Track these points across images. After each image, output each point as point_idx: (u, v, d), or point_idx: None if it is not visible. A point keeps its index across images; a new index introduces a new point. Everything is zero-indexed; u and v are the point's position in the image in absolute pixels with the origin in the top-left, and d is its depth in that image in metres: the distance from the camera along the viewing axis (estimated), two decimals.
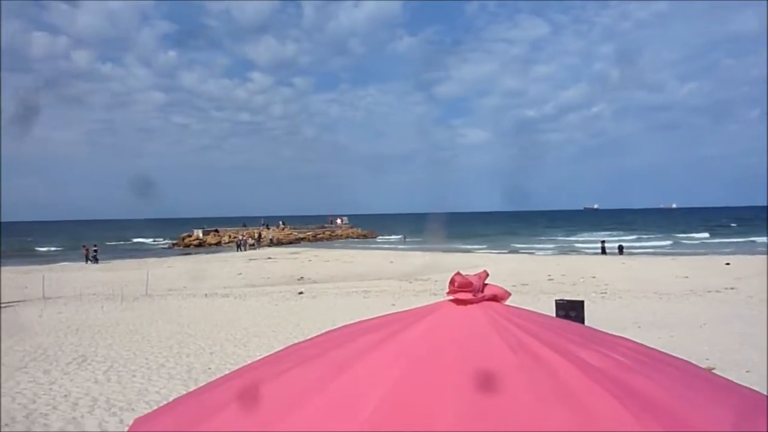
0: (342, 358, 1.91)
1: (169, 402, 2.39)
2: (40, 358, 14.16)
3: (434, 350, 1.84)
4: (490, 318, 1.99)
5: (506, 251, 60.82)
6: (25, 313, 21.85)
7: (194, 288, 30.17)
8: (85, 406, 10.14)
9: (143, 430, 2.05)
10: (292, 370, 1.94)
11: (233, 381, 2.14)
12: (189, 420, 1.88)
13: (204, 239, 78.79)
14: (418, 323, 2.05)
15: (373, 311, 20.09)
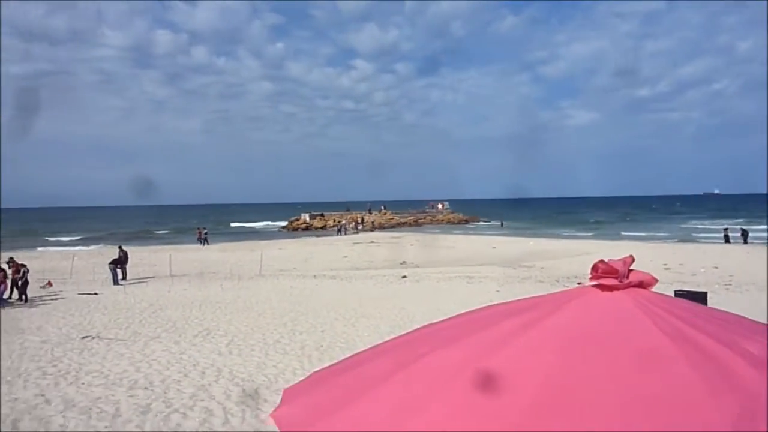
0: (489, 341, 1.94)
1: (313, 375, 2.54)
2: (171, 329, 15.46)
3: (587, 336, 1.83)
4: (640, 305, 1.94)
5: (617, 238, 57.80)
6: (156, 288, 23.89)
7: (303, 269, 31.48)
8: (211, 375, 10.96)
9: (296, 400, 2.21)
10: (436, 351, 2.01)
11: (378, 358, 2.24)
12: (342, 394, 2.01)
13: (311, 223, 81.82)
14: (563, 309, 2.04)
15: (478, 297, 19.97)
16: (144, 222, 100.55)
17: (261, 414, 8.73)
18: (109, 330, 15.41)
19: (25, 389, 10.14)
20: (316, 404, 2.06)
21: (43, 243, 62.38)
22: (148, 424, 8.29)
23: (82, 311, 18.38)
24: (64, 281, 25.50)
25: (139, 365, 11.73)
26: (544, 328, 1.94)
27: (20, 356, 12.57)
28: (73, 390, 10.06)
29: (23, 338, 14.43)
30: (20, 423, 8.44)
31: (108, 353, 12.79)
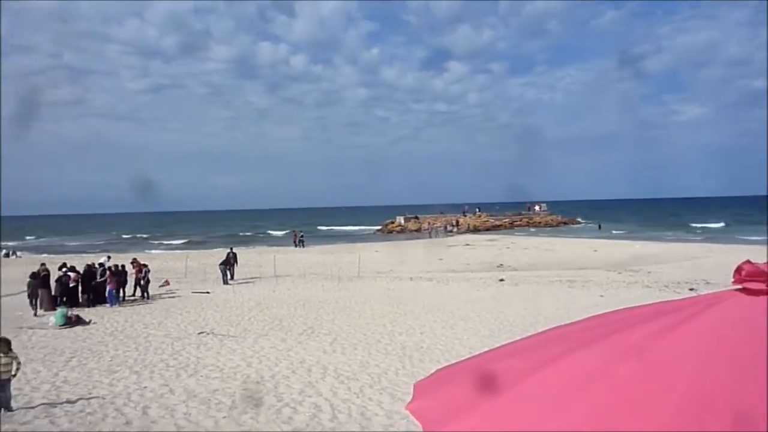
0: (626, 346, 1.93)
1: (439, 371, 2.62)
2: (277, 327, 16.20)
3: (732, 344, 1.77)
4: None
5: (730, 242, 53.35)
6: (262, 288, 25.09)
7: (400, 271, 31.81)
8: (317, 373, 11.38)
9: (429, 395, 2.30)
10: (571, 354, 2.02)
11: (507, 359, 2.29)
12: (476, 392, 2.07)
13: (405, 225, 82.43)
14: (704, 313, 1.98)
15: (581, 302, 19.28)
16: (241, 225, 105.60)
17: (367, 412, 8.97)
18: (222, 326, 16.39)
19: (152, 379, 11.03)
20: (451, 400, 2.13)
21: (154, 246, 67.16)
22: (262, 416, 8.76)
23: (197, 308, 19.68)
24: (180, 280, 27.38)
25: (250, 360, 12.40)
26: (684, 334, 1.90)
27: (146, 349, 13.69)
28: (193, 382, 10.82)
29: (147, 332, 15.69)
30: (149, 410, 9.19)
31: (222, 348, 13.62)
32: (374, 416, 8.71)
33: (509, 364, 2.23)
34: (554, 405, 1.87)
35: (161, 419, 8.71)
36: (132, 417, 8.80)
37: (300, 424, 8.43)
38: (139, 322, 17.38)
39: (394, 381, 10.71)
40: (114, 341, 14.64)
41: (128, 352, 13.41)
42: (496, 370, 2.21)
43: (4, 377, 8.91)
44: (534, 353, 2.21)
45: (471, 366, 2.45)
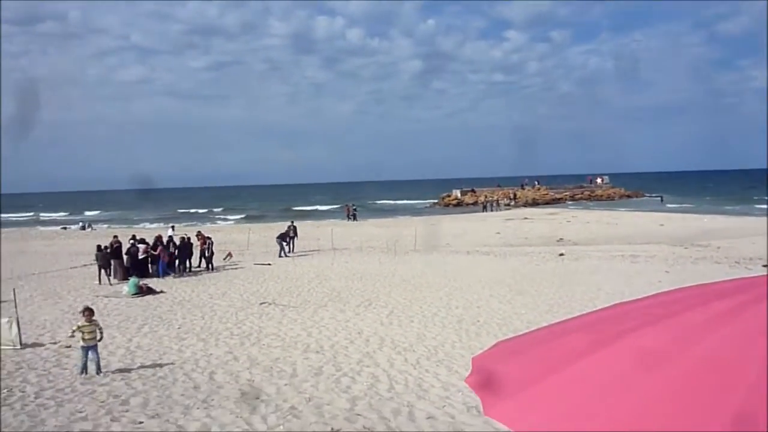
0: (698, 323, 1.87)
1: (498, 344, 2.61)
2: (336, 299, 16.53)
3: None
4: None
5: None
6: (320, 261, 25.59)
7: (456, 245, 31.69)
8: (375, 344, 11.58)
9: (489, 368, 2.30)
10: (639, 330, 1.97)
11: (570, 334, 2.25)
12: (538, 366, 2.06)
13: (462, 199, 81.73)
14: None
15: (645, 278, 18.70)
16: (294, 199, 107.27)
17: (423, 383, 9.07)
18: (283, 297, 16.87)
19: (217, 347, 11.52)
20: (510, 375, 2.13)
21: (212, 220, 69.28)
22: (322, 385, 9.02)
23: (259, 280, 20.30)
24: (242, 253, 28.27)
25: (310, 330, 12.74)
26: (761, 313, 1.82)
27: (211, 318, 14.27)
28: (256, 350, 11.23)
29: (212, 302, 16.34)
30: (215, 375, 9.62)
31: (283, 318, 14.04)
32: (431, 388, 8.81)
33: (570, 340, 2.20)
34: (618, 384, 1.83)
35: (226, 384, 9.10)
36: (200, 382, 9.24)
37: (358, 393, 8.62)
38: (204, 292, 18.11)
39: (450, 354, 10.78)
40: (182, 310, 15.33)
41: (195, 320, 14.03)
42: (557, 346, 2.19)
43: (90, 343, 9.52)
44: (596, 330, 2.16)
45: (531, 340, 2.43)
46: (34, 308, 15.51)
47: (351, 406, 7.99)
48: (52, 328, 13.20)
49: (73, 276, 21.78)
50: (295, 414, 7.66)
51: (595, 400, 1.83)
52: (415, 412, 7.74)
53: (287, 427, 7.15)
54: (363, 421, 7.40)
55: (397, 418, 7.55)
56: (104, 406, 8.00)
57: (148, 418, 7.54)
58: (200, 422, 7.37)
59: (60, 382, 9.25)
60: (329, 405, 8.04)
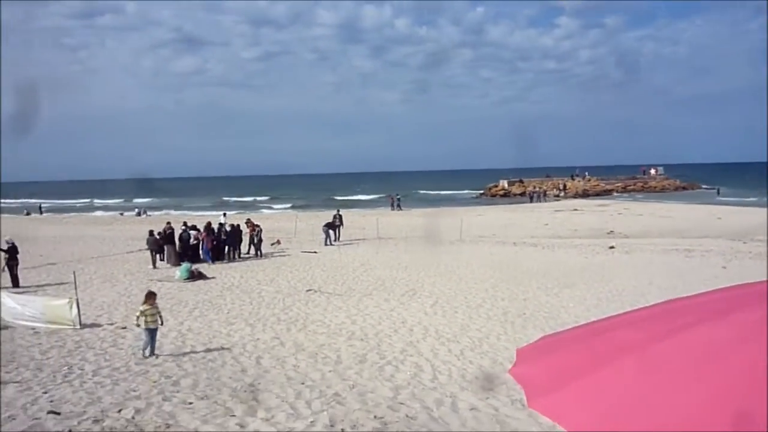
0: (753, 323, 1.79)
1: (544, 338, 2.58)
2: (380, 288, 16.62)
3: None
4: None
5: None
6: (366, 250, 25.75)
7: (503, 236, 31.32)
8: (419, 333, 11.60)
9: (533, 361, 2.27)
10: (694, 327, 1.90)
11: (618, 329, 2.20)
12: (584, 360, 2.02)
13: (509, 189, 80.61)
14: None
15: (701, 274, 18.05)
16: (339, 188, 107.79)
17: (467, 374, 9.04)
18: (328, 285, 17.08)
19: (264, 332, 11.77)
20: (555, 368, 2.10)
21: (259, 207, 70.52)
22: (366, 372, 9.10)
23: (305, 267, 20.60)
24: (289, 240, 28.73)
25: (354, 318, 12.86)
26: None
27: (259, 303, 14.59)
28: (302, 336, 11.42)
29: (260, 288, 16.69)
30: (262, 360, 9.84)
31: (328, 306, 14.22)
32: (475, 379, 8.77)
33: (619, 335, 2.15)
34: (667, 384, 1.78)
35: (273, 369, 9.30)
36: (247, 366, 9.47)
37: (401, 381, 8.66)
38: (252, 278, 18.51)
39: (495, 346, 10.69)
40: (231, 295, 15.72)
41: (243, 305, 14.36)
42: (605, 341, 2.14)
43: (152, 326, 9.88)
44: (647, 327, 2.10)
45: (578, 335, 2.38)
46: (93, 290, 16.20)
47: (394, 395, 8.04)
48: (109, 310, 13.77)
49: (129, 260, 22.62)
50: (339, 400, 7.76)
51: (643, 398, 1.78)
52: (458, 403, 7.72)
53: (331, 413, 7.26)
54: (406, 410, 7.44)
55: (440, 408, 7.55)
56: (156, 386, 8.31)
57: (198, 399, 7.78)
58: (247, 405, 7.56)
59: (116, 361, 9.65)
60: (372, 393, 8.11)
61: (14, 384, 8.29)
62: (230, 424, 6.90)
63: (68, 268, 18.66)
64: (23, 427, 6.67)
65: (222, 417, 7.11)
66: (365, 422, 7.00)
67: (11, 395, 7.80)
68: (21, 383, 8.35)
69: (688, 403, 1.69)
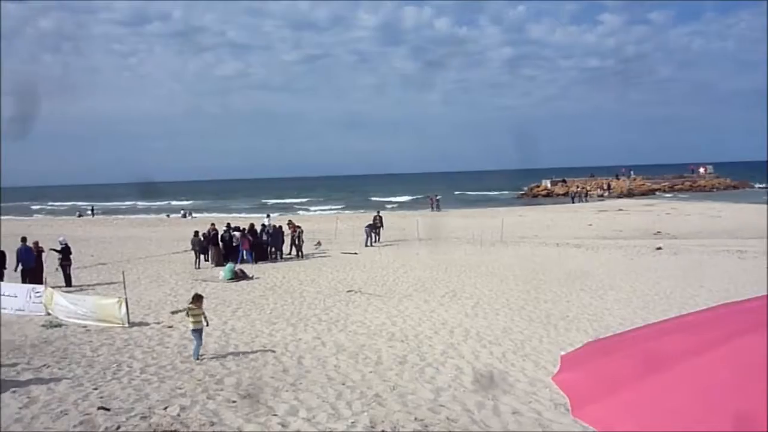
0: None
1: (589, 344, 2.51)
2: (420, 289, 16.57)
3: None
4: None
5: None
6: (406, 251, 25.73)
7: (545, 237, 30.83)
8: (459, 335, 11.50)
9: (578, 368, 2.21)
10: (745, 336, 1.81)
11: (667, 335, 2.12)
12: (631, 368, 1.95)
13: (552, 189, 79.25)
14: None
15: (754, 276, 17.35)
16: (377, 190, 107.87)
17: (509, 377, 8.91)
18: (368, 286, 17.13)
19: (306, 332, 11.88)
20: (601, 376, 2.03)
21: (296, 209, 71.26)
22: (406, 374, 9.08)
23: (345, 268, 20.72)
24: (330, 241, 28.95)
25: (395, 319, 12.86)
26: None
27: (300, 304, 14.74)
28: (342, 336, 11.48)
29: (302, 289, 16.87)
30: (303, 360, 9.93)
31: (368, 306, 14.26)
32: (516, 382, 8.65)
33: (667, 342, 2.07)
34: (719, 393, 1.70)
35: (314, 369, 9.38)
36: (288, 365, 9.57)
37: (442, 384, 8.61)
38: (294, 278, 18.73)
39: (537, 349, 10.52)
40: (273, 295, 15.94)
41: (285, 305, 14.54)
42: (653, 348, 2.07)
43: (197, 327, 10.10)
44: (699, 332, 2.02)
45: (624, 341, 2.31)
46: (141, 290, 16.67)
47: (435, 397, 7.99)
48: (156, 309, 14.15)
49: (175, 261, 23.21)
50: (380, 401, 7.77)
51: (692, 408, 1.71)
52: (499, 407, 7.62)
53: (371, 414, 7.27)
54: (446, 413, 7.39)
55: (482, 411, 7.47)
56: (201, 384, 8.48)
57: (241, 398, 7.91)
58: (289, 404, 7.64)
59: (162, 359, 9.90)
60: (413, 394, 8.09)
61: (66, 380, 8.59)
62: (272, 423, 6.99)
63: (117, 268, 19.27)
64: (75, 422, 6.91)
65: (264, 416, 7.21)
66: (406, 424, 6.98)
67: (63, 391, 8.09)
68: (72, 380, 8.65)
69: (742, 414, 1.62)
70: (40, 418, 7.04)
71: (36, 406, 7.44)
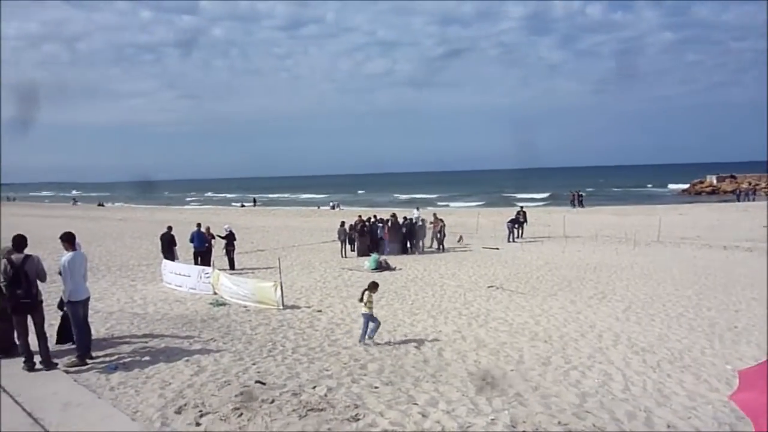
0: None
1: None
2: (566, 288, 15.88)
3: None
4: None
5: None
6: (550, 248, 24.79)
7: (709, 238, 28.00)
8: (608, 339, 10.85)
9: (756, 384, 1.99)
10: None
11: None
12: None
13: (718, 186, 71.77)
14: None
15: None
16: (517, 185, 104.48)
17: (664, 389, 8.25)
18: (510, 282, 16.77)
19: (446, 325, 11.94)
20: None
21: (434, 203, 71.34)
22: (549, 375, 8.76)
23: (487, 263, 20.48)
24: (471, 236, 28.79)
25: (538, 319, 12.46)
26: None
27: (441, 296, 14.84)
28: (483, 332, 11.37)
29: (442, 282, 16.97)
30: (443, 352, 9.98)
31: (510, 303, 13.97)
32: (673, 395, 7.96)
33: None
34: None
35: (454, 362, 9.39)
36: (429, 356, 9.68)
37: (588, 389, 8.18)
38: (435, 271, 18.89)
39: (699, 360, 9.59)
40: (415, 287, 16.22)
41: (426, 297, 14.73)
42: None
43: (367, 312, 10.54)
44: None
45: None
46: (294, 275, 17.84)
47: (580, 402, 7.62)
48: (306, 294, 15.06)
49: (324, 249, 24.52)
50: (521, 401, 7.58)
51: None
52: (653, 419, 7.08)
53: (512, 413, 7.12)
54: (593, 420, 7.01)
55: (632, 422, 6.99)
56: (346, 368, 8.88)
57: (383, 384, 8.16)
58: (429, 395, 7.73)
59: (312, 341, 10.52)
60: (557, 397, 7.79)
61: (229, 354, 9.46)
62: (413, 412, 7.12)
63: (273, 255, 20.82)
64: (236, 392, 7.58)
65: (405, 404, 7.37)
66: (549, 426, 6.74)
67: (227, 363, 8.91)
68: (234, 354, 9.50)
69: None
70: (208, 385, 7.81)
71: (204, 375, 8.28)
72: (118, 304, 13.69)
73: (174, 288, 15.60)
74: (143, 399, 7.26)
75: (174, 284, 15.78)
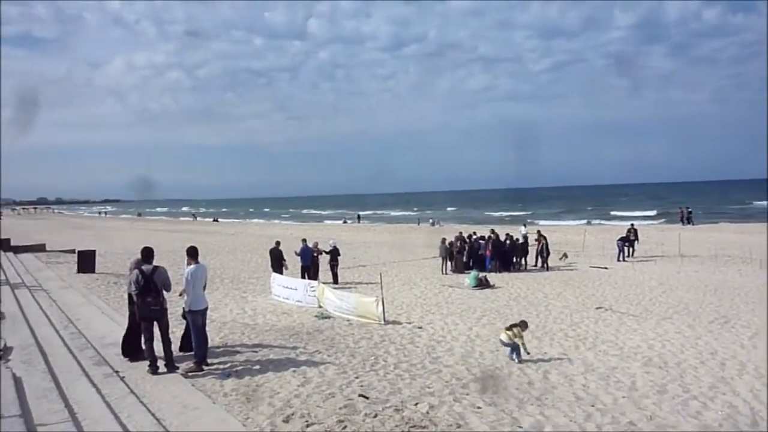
0: None
1: None
2: (683, 311, 14.83)
3: None
4: None
5: None
6: (664, 268, 23.27)
7: None
8: (733, 369, 10.00)
9: None
10: None
11: None
12: None
13: None
14: None
15: None
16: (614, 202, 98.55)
17: None
18: (620, 304, 15.93)
19: (551, 347, 11.55)
20: None
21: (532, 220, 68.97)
22: (666, 405, 8.21)
23: (594, 283, 19.59)
24: (577, 254, 27.68)
25: (651, 343, 11.74)
26: None
27: (546, 317, 14.39)
28: (591, 355, 10.88)
29: (547, 301, 16.44)
30: (549, 375, 9.65)
31: (620, 326, 13.27)
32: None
33: None
34: None
35: (560, 386, 9.05)
36: (534, 379, 9.40)
37: (710, 421, 7.58)
38: (539, 290, 18.34)
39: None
40: (517, 306, 15.84)
41: (530, 317, 14.24)
42: None
43: (510, 343, 10.46)
44: None
45: None
46: (395, 291, 18.03)
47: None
48: (407, 310, 15.16)
49: (425, 266, 24.59)
50: (634, 430, 7.17)
51: None
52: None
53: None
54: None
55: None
56: (448, 386, 8.82)
57: (486, 405, 8.02)
58: (534, 418, 7.51)
59: (413, 357, 10.56)
60: (674, 428, 7.28)
61: (334, 366, 9.71)
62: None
63: (375, 270, 21.17)
64: (340, 405, 7.76)
65: (509, 426, 7.21)
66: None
67: (331, 376, 9.15)
68: (338, 366, 9.74)
69: None
70: (314, 396, 8.07)
71: (310, 386, 8.56)
72: (230, 314, 14.49)
73: (282, 300, 16.30)
74: (253, 406, 7.64)
75: (282, 297, 16.49)
